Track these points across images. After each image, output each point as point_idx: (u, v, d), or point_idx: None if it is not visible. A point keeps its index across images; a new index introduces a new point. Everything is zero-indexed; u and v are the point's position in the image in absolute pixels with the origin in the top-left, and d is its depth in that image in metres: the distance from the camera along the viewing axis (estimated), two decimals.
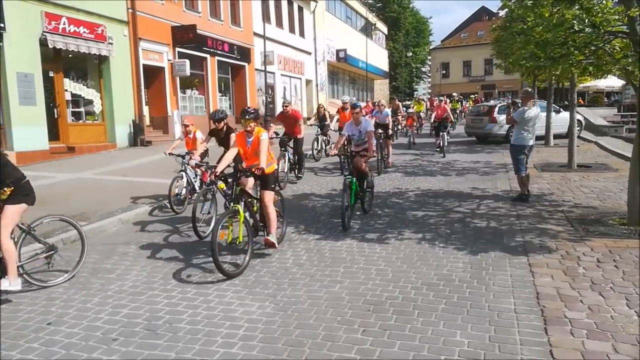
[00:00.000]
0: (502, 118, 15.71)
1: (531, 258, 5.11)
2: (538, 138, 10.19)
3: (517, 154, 7.84)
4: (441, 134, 14.15)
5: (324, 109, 13.65)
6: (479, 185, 9.47)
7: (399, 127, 19.92)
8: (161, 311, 4.12)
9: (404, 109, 25.52)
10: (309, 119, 13.84)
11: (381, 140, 11.20)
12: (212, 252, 4.65)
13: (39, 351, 3.50)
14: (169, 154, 8.00)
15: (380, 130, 11.10)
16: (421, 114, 23.82)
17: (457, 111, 27.57)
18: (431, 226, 6.56)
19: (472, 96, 36.18)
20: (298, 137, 10.21)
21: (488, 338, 3.48)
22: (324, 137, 13.57)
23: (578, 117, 14.77)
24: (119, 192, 8.79)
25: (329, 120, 13.39)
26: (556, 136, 15.66)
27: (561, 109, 17.48)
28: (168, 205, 7.57)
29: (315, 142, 13.35)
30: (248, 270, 5.02)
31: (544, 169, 10.89)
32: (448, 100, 25.03)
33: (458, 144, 17.62)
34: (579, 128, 16.23)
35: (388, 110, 12.10)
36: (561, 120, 15.93)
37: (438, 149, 14.19)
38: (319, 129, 13.32)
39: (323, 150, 13.35)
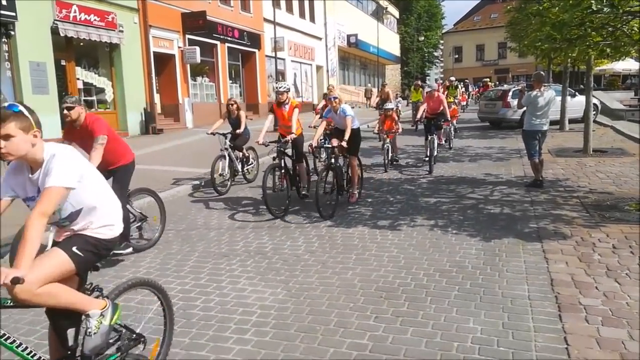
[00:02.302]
0: (515, 103, 15.50)
1: (545, 244, 5.06)
2: (553, 123, 10.04)
3: (528, 140, 7.73)
4: (430, 137, 9.54)
5: (237, 105, 8.72)
6: (493, 171, 9.38)
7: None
8: (175, 297, 4.14)
9: (397, 102, 21.36)
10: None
11: (340, 163, 7.06)
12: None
13: None
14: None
15: (335, 143, 6.90)
16: (420, 104, 17.82)
17: (456, 100, 19.03)
18: (444, 213, 6.51)
19: (486, 79, 34.48)
20: (121, 165, 5.13)
21: (501, 325, 3.46)
22: (239, 154, 8.59)
23: (594, 101, 14.49)
24: (131, 181, 8.84)
25: (244, 123, 8.53)
26: (571, 120, 15.43)
27: (577, 93, 17.18)
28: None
29: (220, 163, 8.09)
30: (260, 257, 5.04)
31: (559, 154, 10.74)
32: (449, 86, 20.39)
33: (471, 129, 17.44)
34: (594, 112, 15.94)
35: (346, 107, 6.97)
36: (577, 104, 15.65)
37: (426, 159, 9.70)
38: (226, 140, 8.23)
39: (232, 177, 8.35)
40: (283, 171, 6.88)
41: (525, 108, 7.95)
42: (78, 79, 14.14)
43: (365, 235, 5.66)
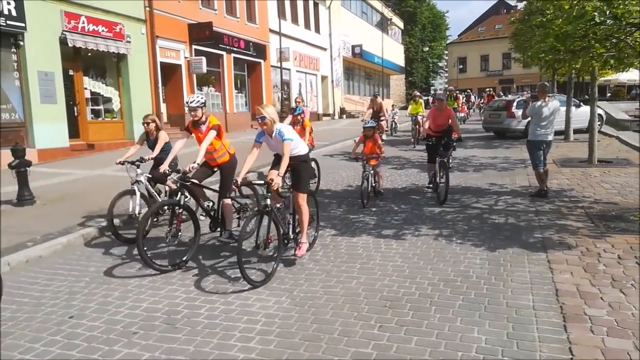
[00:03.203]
0: (520, 113, 15.48)
1: (550, 254, 5.05)
2: (558, 133, 10.03)
3: (533, 150, 7.74)
4: (439, 159, 7.72)
5: (156, 124, 6.65)
6: (497, 181, 9.37)
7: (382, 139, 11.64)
8: (180, 305, 4.18)
9: (394, 113, 20.53)
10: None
11: (280, 205, 5.16)
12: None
13: (62, 344, 3.58)
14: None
15: (272, 176, 4.89)
16: (419, 117, 15.66)
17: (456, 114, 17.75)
18: (448, 222, 6.51)
19: (488, 89, 33.10)
20: None
21: (506, 335, 3.45)
22: (162, 188, 6.76)
23: (599, 111, 14.47)
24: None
25: (159, 147, 6.45)
26: (576, 131, 15.40)
27: (581, 103, 17.18)
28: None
29: (130, 201, 6.17)
30: (265, 266, 5.05)
31: (564, 165, 10.73)
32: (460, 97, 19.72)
33: (475, 139, 17.44)
34: (599, 122, 15.91)
35: (285, 128, 4.91)
36: (581, 114, 15.65)
37: (430, 188, 8.08)
38: (137, 171, 6.20)
39: (156, 217, 6.55)
40: (181, 210, 5.21)
41: (529, 118, 7.97)
42: (85, 88, 14.28)
43: (370, 245, 5.67)
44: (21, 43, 11.89)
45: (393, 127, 19.81)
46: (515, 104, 16.53)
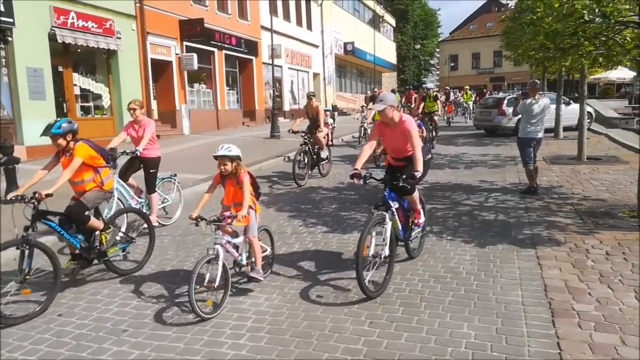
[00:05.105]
0: (510, 110, 15.55)
1: (539, 251, 5.09)
2: (547, 130, 10.11)
3: (523, 147, 7.80)
4: (377, 213, 4.49)
5: None
6: (488, 178, 9.42)
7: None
8: (170, 302, 4.15)
9: (363, 115, 15.14)
10: None
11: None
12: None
13: (50, 342, 3.56)
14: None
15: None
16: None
17: (432, 116, 15.26)
18: (439, 219, 6.54)
19: (466, 87, 28.76)
20: None
21: (495, 330, 3.48)
22: None
23: (588, 109, 14.60)
24: None
25: None
26: (566, 128, 15.52)
27: (571, 101, 17.31)
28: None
29: None
30: None
31: (554, 162, 10.81)
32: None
33: (466, 136, 17.51)
34: (589, 120, 16.05)
35: None
36: (571, 112, 15.77)
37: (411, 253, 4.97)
38: None
39: None
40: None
41: (520, 116, 8.02)
42: (75, 85, 14.14)
43: None
44: (9, 39, 11.74)
45: (363, 134, 14.96)
46: (505, 101, 16.61)
